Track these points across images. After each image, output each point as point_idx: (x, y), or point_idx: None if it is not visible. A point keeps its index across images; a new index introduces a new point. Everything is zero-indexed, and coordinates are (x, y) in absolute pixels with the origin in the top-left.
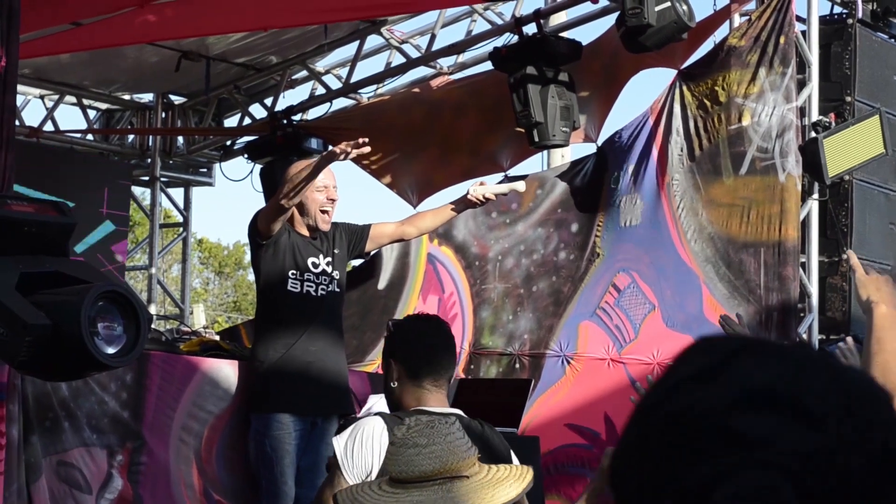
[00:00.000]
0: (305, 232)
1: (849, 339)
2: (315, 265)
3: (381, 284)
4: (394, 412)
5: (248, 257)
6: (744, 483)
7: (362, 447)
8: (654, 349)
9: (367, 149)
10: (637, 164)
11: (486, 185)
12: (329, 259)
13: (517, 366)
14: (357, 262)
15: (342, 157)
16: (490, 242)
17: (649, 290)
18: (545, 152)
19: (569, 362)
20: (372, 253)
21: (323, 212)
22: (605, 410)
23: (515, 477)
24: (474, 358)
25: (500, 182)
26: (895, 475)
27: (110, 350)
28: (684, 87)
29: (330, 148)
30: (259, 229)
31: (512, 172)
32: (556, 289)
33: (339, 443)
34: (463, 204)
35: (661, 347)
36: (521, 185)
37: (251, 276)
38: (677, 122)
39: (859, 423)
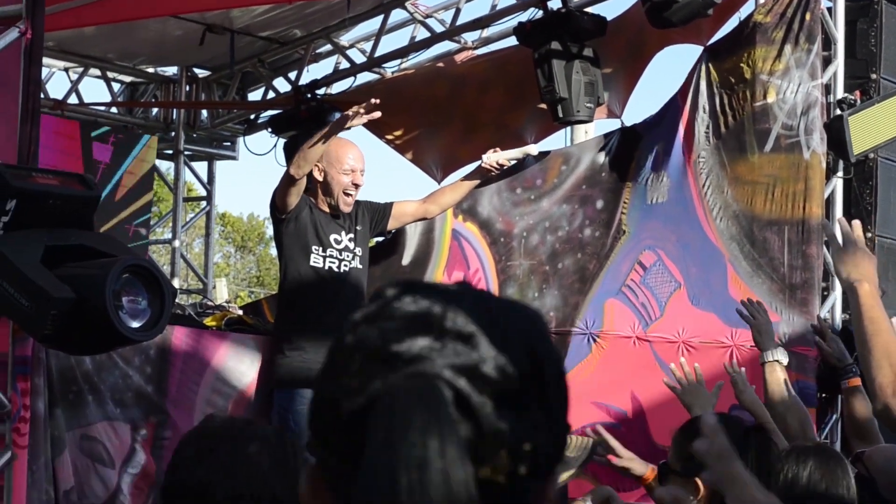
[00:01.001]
0: (327, 209)
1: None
2: (337, 241)
3: (405, 260)
4: None
5: (269, 231)
6: (407, 390)
7: None
8: (680, 327)
9: (378, 113)
10: (664, 141)
11: (499, 152)
12: (351, 235)
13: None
14: (379, 240)
15: (355, 120)
16: (515, 219)
17: (675, 268)
18: (569, 128)
19: (595, 340)
20: (394, 231)
21: (346, 194)
22: (632, 389)
23: None
24: None
25: (525, 156)
26: (541, 379)
27: (135, 324)
28: (710, 65)
29: (341, 114)
30: (276, 203)
31: (538, 148)
32: (581, 266)
33: None
34: (479, 173)
35: (686, 325)
36: (533, 149)
37: (273, 251)
38: (703, 99)
39: (504, 336)
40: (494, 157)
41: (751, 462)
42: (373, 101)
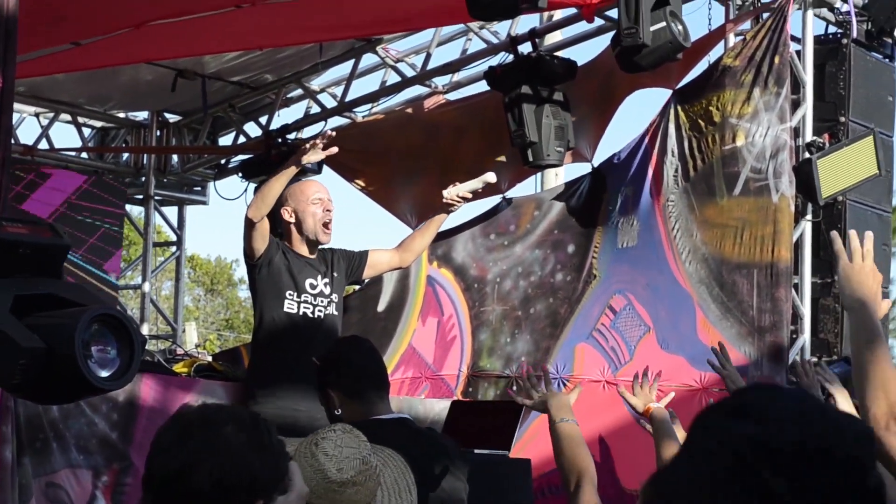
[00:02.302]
0: (304, 251)
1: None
2: (313, 286)
3: (381, 307)
4: None
5: (237, 274)
6: None
7: None
8: (639, 371)
9: (335, 149)
10: (633, 185)
11: (458, 185)
12: (327, 280)
13: (514, 388)
14: (355, 288)
15: (311, 156)
16: (489, 264)
17: (644, 312)
18: (539, 174)
19: (565, 384)
20: (367, 280)
21: (324, 224)
22: (600, 433)
23: None
24: (472, 380)
25: (499, 202)
26: None
27: (104, 373)
28: (679, 108)
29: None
30: (245, 249)
31: (510, 194)
32: (553, 310)
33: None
34: (443, 210)
35: (654, 369)
36: (491, 177)
37: (241, 293)
38: (672, 142)
39: None
40: (454, 191)
41: None
42: (329, 132)
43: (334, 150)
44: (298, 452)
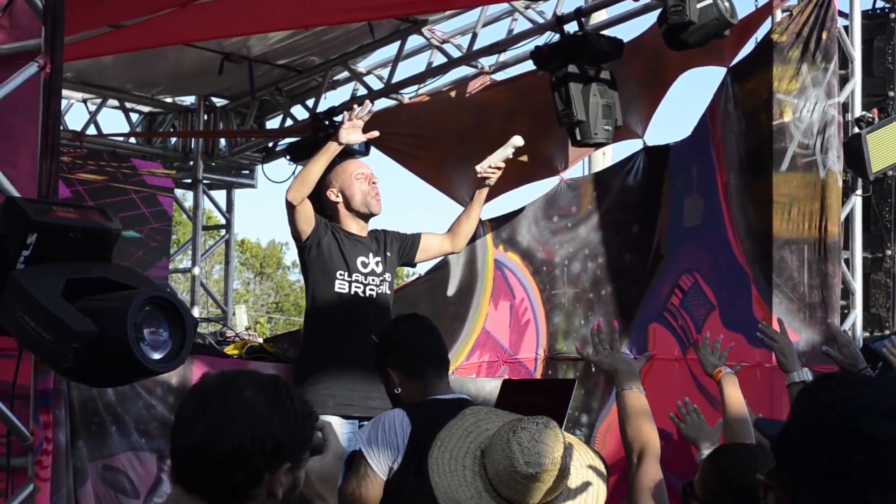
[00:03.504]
0: (355, 229)
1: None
2: (364, 264)
3: (451, 291)
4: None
5: (287, 257)
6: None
7: (386, 436)
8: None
9: (376, 133)
10: (697, 164)
11: (488, 158)
12: (379, 259)
13: (593, 369)
14: (421, 273)
15: (351, 136)
16: (555, 247)
17: (710, 291)
18: (587, 156)
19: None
20: (418, 264)
21: (373, 194)
22: (675, 411)
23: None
24: (551, 363)
25: (558, 184)
26: None
27: (156, 356)
28: (734, 86)
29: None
30: (291, 232)
31: (567, 175)
32: (623, 292)
33: (362, 436)
34: (480, 186)
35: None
36: (518, 140)
37: (291, 276)
38: (730, 120)
39: None
40: (486, 163)
41: None
42: (367, 103)
43: (375, 133)
44: (497, 433)
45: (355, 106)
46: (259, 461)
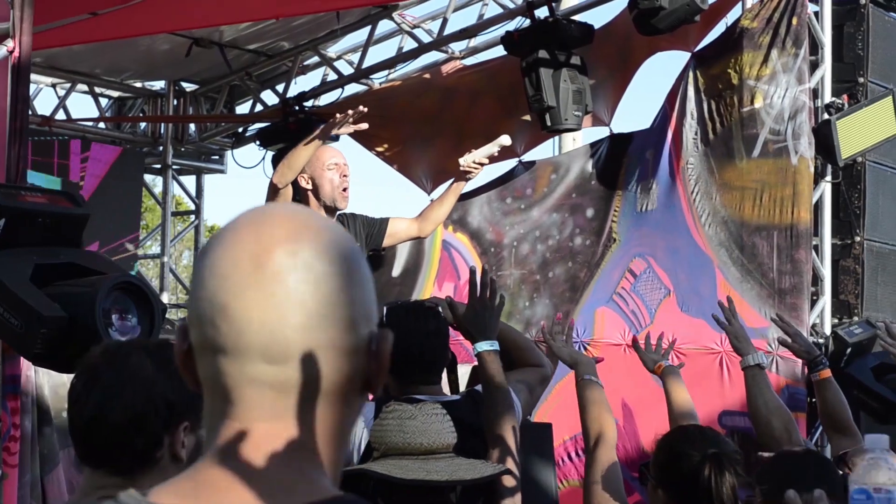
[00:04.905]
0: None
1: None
2: None
3: (396, 272)
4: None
5: None
6: None
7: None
8: (669, 334)
9: (365, 125)
10: (653, 148)
11: (473, 152)
12: None
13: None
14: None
15: (342, 129)
16: (505, 228)
17: (665, 275)
18: (557, 137)
19: (585, 348)
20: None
21: (343, 189)
22: (623, 397)
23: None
24: None
25: (515, 166)
26: None
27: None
28: (697, 71)
29: (327, 122)
30: None
31: (526, 157)
32: (572, 274)
33: None
34: (460, 178)
35: (676, 332)
36: (505, 139)
37: None
38: (691, 105)
39: None
40: (470, 158)
41: None
42: (360, 108)
43: (364, 125)
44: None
45: (350, 111)
46: (155, 423)
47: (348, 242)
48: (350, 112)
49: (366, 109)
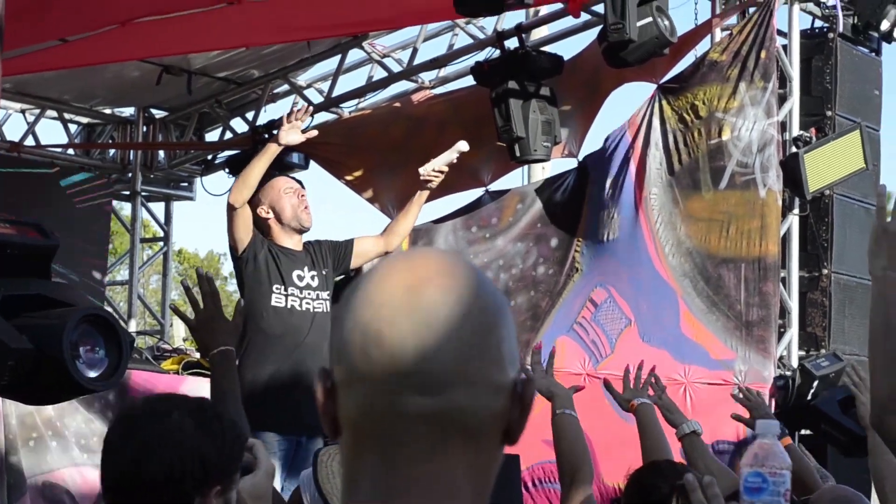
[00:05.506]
0: (289, 244)
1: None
2: (300, 278)
3: None
4: None
5: (225, 268)
6: None
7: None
8: (630, 363)
9: (315, 132)
10: (615, 177)
11: (432, 161)
12: (314, 273)
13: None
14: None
15: (289, 137)
16: (469, 257)
17: (626, 305)
18: (526, 167)
19: None
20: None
21: (304, 207)
22: (582, 426)
23: None
24: None
25: (482, 195)
26: None
27: (92, 374)
28: (664, 101)
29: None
30: (230, 242)
31: (493, 187)
32: (534, 304)
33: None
34: (421, 188)
35: (636, 362)
36: (463, 145)
37: (230, 287)
38: (656, 135)
39: None
40: (430, 166)
41: None
42: (304, 105)
43: (314, 133)
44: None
45: (294, 107)
46: (189, 484)
47: (494, 287)
48: (296, 110)
49: (310, 108)
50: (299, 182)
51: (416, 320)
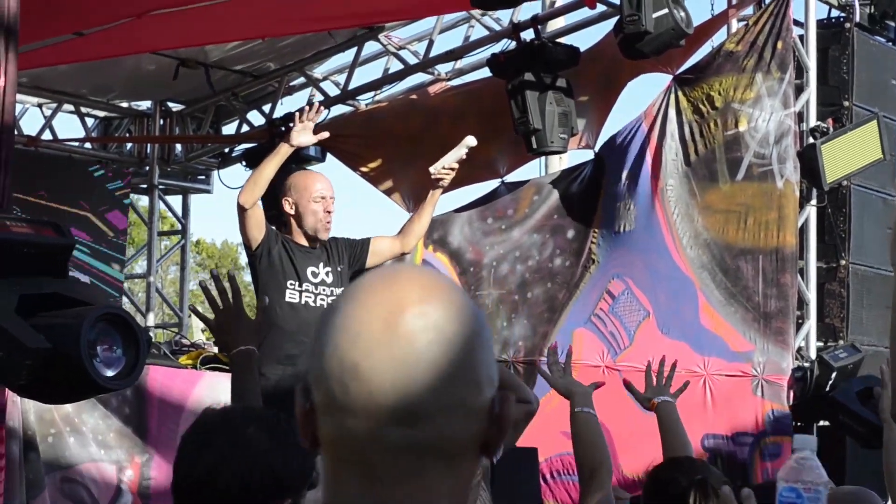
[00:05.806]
0: (303, 241)
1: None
2: (314, 274)
3: None
4: None
5: (242, 258)
6: None
7: None
8: (649, 356)
9: (326, 133)
10: (631, 169)
11: (442, 159)
12: (329, 269)
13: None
14: None
15: (301, 138)
16: (485, 248)
17: (643, 297)
18: (543, 158)
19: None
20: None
21: (324, 221)
22: (601, 419)
23: None
24: None
25: (498, 186)
26: None
27: (109, 373)
28: (679, 93)
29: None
30: (242, 238)
31: (509, 178)
32: (551, 295)
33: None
34: (433, 187)
35: (655, 354)
36: (471, 140)
37: (247, 277)
38: (672, 126)
39: None
40: (440, 164)
41: None
42: (315, 103)
43: (325, 134)
44: None
45: (306, 107)
46: (260, 496)
47: (473, 305)
48: (307, 110)
49: (322, 107)
50: (331, 192)
51: (394, 354)
